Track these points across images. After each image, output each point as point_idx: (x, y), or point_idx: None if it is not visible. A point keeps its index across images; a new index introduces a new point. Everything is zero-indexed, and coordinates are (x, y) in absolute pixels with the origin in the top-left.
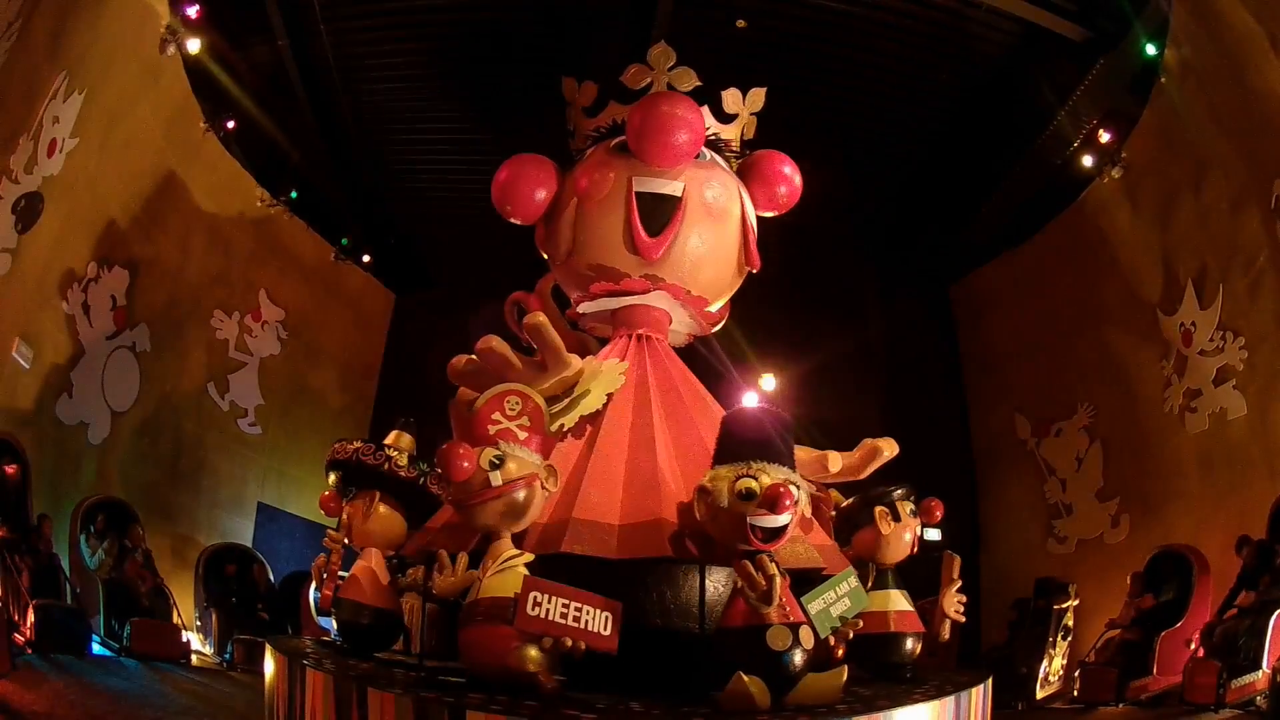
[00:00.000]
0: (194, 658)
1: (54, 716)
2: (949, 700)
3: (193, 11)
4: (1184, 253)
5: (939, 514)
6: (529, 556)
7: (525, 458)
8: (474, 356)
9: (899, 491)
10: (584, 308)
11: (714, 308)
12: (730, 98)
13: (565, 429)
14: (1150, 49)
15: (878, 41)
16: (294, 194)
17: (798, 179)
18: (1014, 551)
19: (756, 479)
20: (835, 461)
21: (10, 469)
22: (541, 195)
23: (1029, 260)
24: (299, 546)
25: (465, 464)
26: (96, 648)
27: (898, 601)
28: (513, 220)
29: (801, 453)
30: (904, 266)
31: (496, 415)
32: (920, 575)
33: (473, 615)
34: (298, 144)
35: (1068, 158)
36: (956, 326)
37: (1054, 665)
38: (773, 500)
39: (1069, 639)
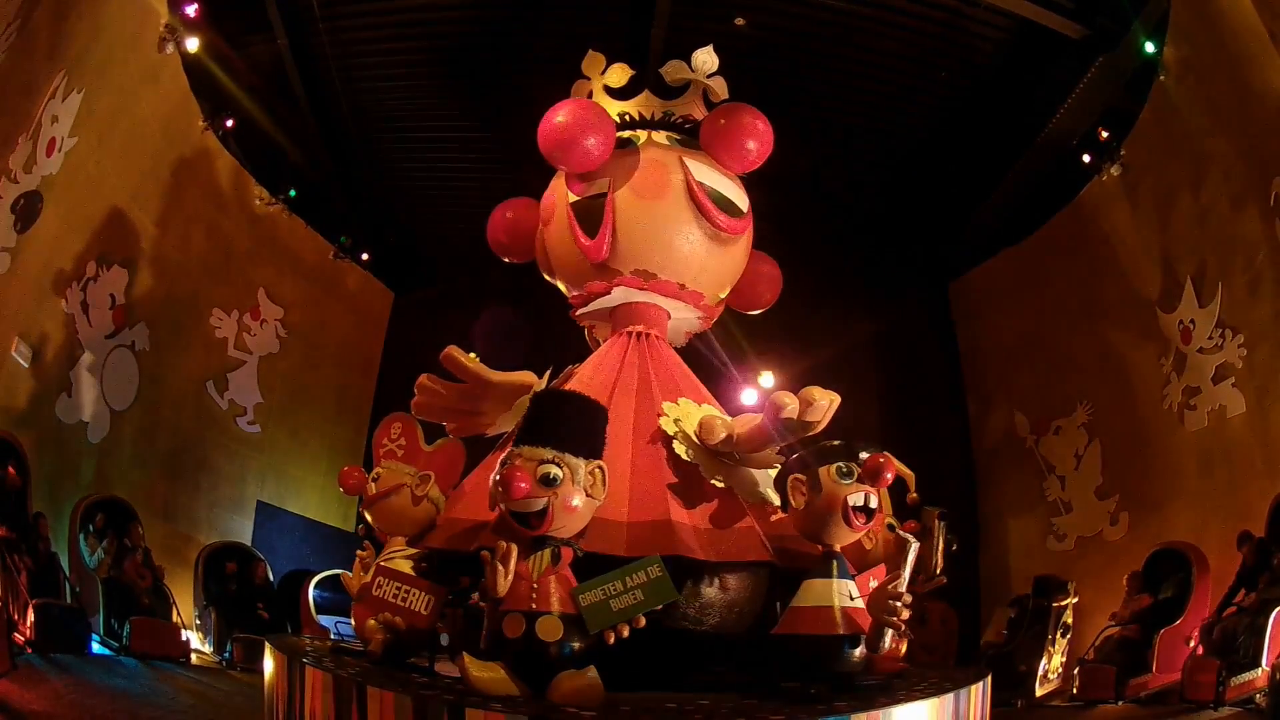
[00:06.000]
0: (193, 657)
1: (54, 716)
2: (948, 698)
3: (191, 10)
4: (1183, 250)
5: (889, 475)
6: (411, 551)
7: (398, 470)
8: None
9: (823, 452)
10: (579, 318)
11: (709, 293)
12: (672, 69)
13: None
14: (1149, 47)
15: (876, 39)
16: (293, 192)
17: (767, 131)
18: (1013, 549)
19: (510, 464)
20: (714, 431)
21: (10, 468)
22: (525, 233)
23: (1028, 258)
24: (298, 545)
25: (350, 481)
26: (96, 647)
27: (840, 595)
28: (509, 260)
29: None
30: (903, 264)
31: (384, 440)
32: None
33: (362, 595)
34: (297, 142)
35: (1067, 155)
36: (955, 324)
37: (1053, 663)
38: (505, 484)
39: (1068, 636)
